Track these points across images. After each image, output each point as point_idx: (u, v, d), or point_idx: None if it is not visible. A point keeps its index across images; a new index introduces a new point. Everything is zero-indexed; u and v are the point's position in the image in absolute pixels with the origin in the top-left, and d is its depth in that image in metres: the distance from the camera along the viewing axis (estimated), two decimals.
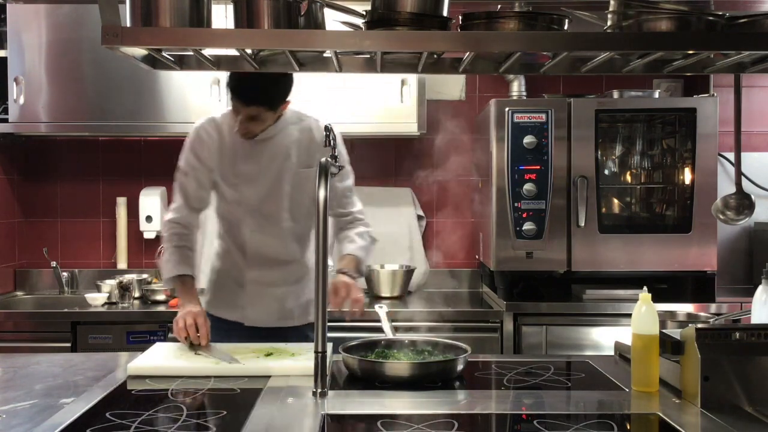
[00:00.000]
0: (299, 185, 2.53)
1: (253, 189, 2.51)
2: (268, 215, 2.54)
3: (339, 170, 2.31)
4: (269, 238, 2.55)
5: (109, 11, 1.62)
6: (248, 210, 2.53)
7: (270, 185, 2.51)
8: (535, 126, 3.28)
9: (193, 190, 2.52)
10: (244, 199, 2.52)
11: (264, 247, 2.55)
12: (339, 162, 2.29)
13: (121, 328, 3.31)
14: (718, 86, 3.54)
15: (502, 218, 3.30)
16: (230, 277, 2.61)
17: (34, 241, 4.02)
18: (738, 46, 1.68)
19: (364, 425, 1.67)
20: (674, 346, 1.84)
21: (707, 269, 3.34)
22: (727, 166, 3.56)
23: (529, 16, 1.67)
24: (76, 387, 1.98)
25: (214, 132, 2.51)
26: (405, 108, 3.60)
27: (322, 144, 2.46)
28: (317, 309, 1.85)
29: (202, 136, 2.51)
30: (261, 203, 2.52)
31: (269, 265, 2.57)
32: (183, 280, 2.47)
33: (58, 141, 4.01)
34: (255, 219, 2.54)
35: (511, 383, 2.03)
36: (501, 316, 3.26)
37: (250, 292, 2.57)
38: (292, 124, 2.54)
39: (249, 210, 2.53)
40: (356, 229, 2.61)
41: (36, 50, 3.58)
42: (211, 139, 2.50)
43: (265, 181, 2.51)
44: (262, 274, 2.56)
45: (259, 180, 2.51)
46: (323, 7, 1.73)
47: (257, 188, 2.51)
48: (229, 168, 2.51)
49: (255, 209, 2.53)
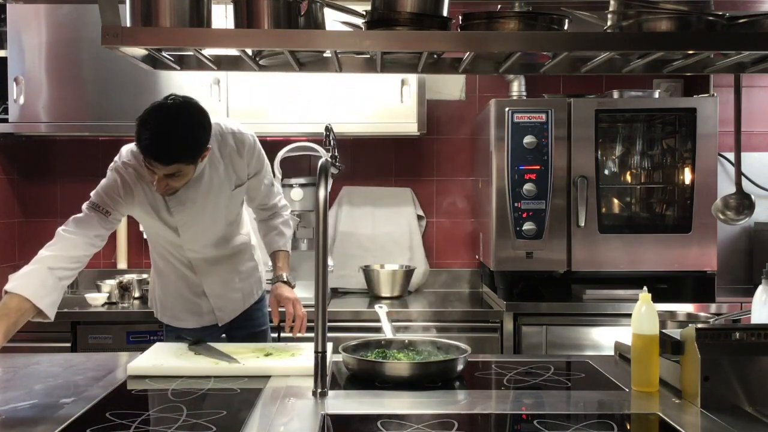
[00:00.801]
0: (234, 201, 2.51)
1: (191, 232, 2.42)
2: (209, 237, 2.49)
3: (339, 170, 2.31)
4: (213, 251, 2.53)
5: (109, 11, 1.62)
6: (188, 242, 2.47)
7: (209, 222, 2.44)
8: (535, 126, 3.28)
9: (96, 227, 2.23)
10: (184, 242, 2.45)
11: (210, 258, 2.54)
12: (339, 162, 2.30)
13: (121, 328, 3.30)
14: (718, 86, 3.54)
15: (502, 218, 3.29)
16: (187, 289, 2.58)
17: (34, 241, 3.99)
18: (738, 46, 1.69)
19: (364, 425, 1.67)
20: (674, 346, 1.84)
21: (707, 269, 3.34)
22: (727, 166, 3.56)
23: (529, 16, 1.67)
24: (76, 387, 1.98)
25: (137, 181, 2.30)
26: (405, 108, 3.60)
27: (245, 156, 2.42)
28: (317, 309, 1.85)
29: (126, 181, 2.29)
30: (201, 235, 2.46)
31: (221, 266, 2.57)
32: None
33: (58, 141, 4.01)
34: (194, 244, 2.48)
35: (511, 383, 2.03)
36: (501, 316, 3.26)
37: (213, 296, 2.59)
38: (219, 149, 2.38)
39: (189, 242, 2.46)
40: (281, 218, 2.65)
41: (36, 50, 3.58)
42: (135, 189, 2.30)
43: (203, 221, 2.42)
44: (218, 278, 2.57)
45: (195, 223, 2.41)
46: (323, 7, 1.73)
47: (196, 230, 2.43)
48: (162, 215, 2.37)
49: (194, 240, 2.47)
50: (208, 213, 2.42)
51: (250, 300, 2.67)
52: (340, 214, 3.95)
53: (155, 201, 2.35)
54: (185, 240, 2.45)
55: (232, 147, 2.40)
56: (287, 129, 3.62)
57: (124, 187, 2.29)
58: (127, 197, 2.30)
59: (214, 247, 2.53)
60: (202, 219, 2.42)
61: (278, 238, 2.62)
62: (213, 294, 2.58)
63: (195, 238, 2.46)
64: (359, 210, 3.96)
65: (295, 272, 2.65)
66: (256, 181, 2.52)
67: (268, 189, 2.60)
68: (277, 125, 3.57)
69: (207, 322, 2.60)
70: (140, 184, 2.32)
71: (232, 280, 2.61)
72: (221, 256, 2.57)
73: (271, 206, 2.65)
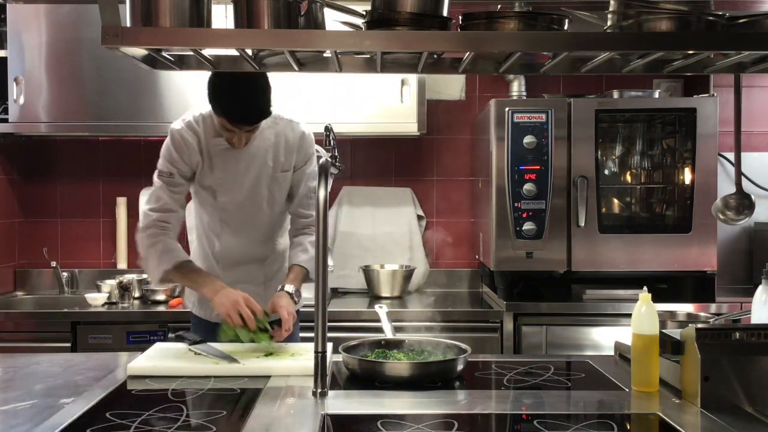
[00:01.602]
0: (275, 188, 2.52)
1: (230, 196, 2.49)
2: (246, 220, 2.52)
3: (339, 171, 2.31)
4: (243, 241, 2.54)
5: (109, 11, 1.62)
6: (225, 214, 2.52)
7: (248, 192, 2.50)
8: (535, 126, 3.28)
9: (180, 191, 2.48)
10: (221, 204, 2.50)
11: (237, 250, 2.54)
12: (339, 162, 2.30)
13: (121, 328, 3.31)
14: (718, 86, 3.54)
15: (502, 218, 3.30)
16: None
17: (34, 241, 4.01)
18: (738, 46, 1.68)
19: (364, 425, 1.67)
20: (674, 346, 1.84)
21: (707, 269, 3.34)
22: (727, 166, 3.56)
23: (529, 16, 1.67)
24: (76, 387, 1.97)
25: (193, 137, 2.45)
26: (405, 108, 3.60)
27: (295, 145, 2.49)
28: (317, 309, 1.85)
29: (180, 140, 2.45)
30: (238, 209, 2.51)
31: (244, 266, 2.57)
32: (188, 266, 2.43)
33: (58, 141, 4.01)
34: (231, 223, 2.52)
35: (511, 383, 2.03)
36: (501, 316, 3.26)
37: None
38: (267, 128, 2.50)
39: (225, 214, 2.52)
40: (311, 236, 2.56)
41: (36, 50, 3.58)
42: (194, 141, 2.45)
43: (243, 189, 2.49)
44: (237, 275, 2.55)
45: (236, 187, 2.49)
46: (323, 7, 1.73)
47: (235, 195, 2.49)
48: (207, 174, 2.48)
49: (232, 214, 2.51)
50: (248, 182, 2.47)
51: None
52: (340, 214, 3.95)
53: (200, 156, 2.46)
54: (222, 206, 2.48)
55: (285, 131, 2.51)
56: None
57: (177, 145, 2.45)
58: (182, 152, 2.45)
59: (248, 239, 2.53)
60: (241, 186, 2.47)
61: (301, 253, 2.53)
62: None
63: (232, 208, 2.49)
64: (359, 210, 3.96)
65: None
66: (301, 174, 2.53)
67: (309, 193, 2.56)
68: None
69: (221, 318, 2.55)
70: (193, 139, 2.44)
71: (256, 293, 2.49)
72: (251, 258, 2.56)
73: (307, 215, 2.57)
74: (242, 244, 2.55)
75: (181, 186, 2.48)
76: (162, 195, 2.46)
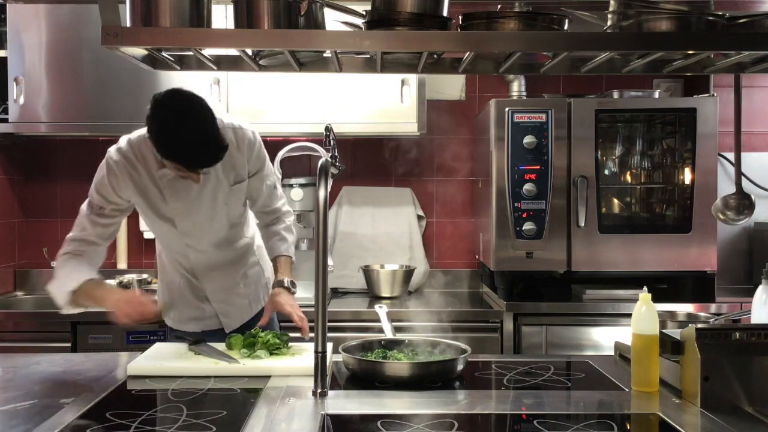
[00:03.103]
0: (233, 199, 2.47)
1: (189, 222, 2.41)
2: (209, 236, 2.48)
3: (339, 171, 2.31)
4: (211, 252, 2.51)
5: (109, 11, 1.62)
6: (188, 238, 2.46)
7: (206, 213, 2.42)
8: (535, 126, 3.28)
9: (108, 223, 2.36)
10: (182, 229, 2.43)
11: (208, 259, 2.51)
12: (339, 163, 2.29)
13: (121, 328, 3.29)
14: (718, 86, 3.54)
15: (502, 218, 3.29)
16: (191, 293, 2.56)
17: (34, 241, 4.01)
18: (738, 46, 1.69)
19: (364, 425, 1.67)
20: (674, 346, 1.84)
21: (707, 269, 3.34)
22: (727, 166, 3.56)
23: (529, 16, 1.67)
24: (76, 387, 1.97)
25: (132, 170, 2.33)
26: (405, 108, 3.60)
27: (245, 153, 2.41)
28: (317, 309, 1.85)
29: (116, 172, 2.32)
30: (200, 230, 2.45)
31: (223, 271, 2.55)
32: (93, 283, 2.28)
33: (58, 141, 4.00)
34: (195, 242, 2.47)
35: (511, 383, 2.03)
36: (501, 316, 3.26)
37: (216, 301, 2.56)
38: None
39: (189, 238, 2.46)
40: (283, 223, 2.61)
41: (36, 50, 3.58)
42: (126, 179, 2.32)
43: (201, 212, 2.41)
44: (220, 284, 2.55)
45: (193, 213, 2.40)
46: (323, 7, 1.74)
47: (194, 220, 2.41)
48: (160, 205, 2.38)
49: (194, 235, 2.46)
50: (204, 205, 2.39)
51: (257, 306, 2.63)
52: (340, 214, 3.95)
53: (147, 189, 2.35)
54: (183, 232, 2.42)
55: (231, 142, 2.31)
56: (287, 129, 3.62)
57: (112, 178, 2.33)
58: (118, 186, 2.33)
59: (217, 248, 2.50)
60: (198, 210, 2.39)
61: (280, 243, 2.57)
62: (216, 299, 2.55)
63: (194, 231, 2.43)
64: (359, 210, 3.96)
65: (296, 272, 2.63)
66: (257, 180, 2.49)
67: (270, 191, 2.56)
68: (277, 125, 3.57)
69: (210, 326, 2.56)
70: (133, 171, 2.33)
71: (236, 286, 2.58)
72: (224, 261, 2.55)
73: (273, 210, 2.60)
74: (211, 254, 2.51)
75: (111, 220, 2.36)
76: (86, 225, 2.34)
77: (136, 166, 2.33)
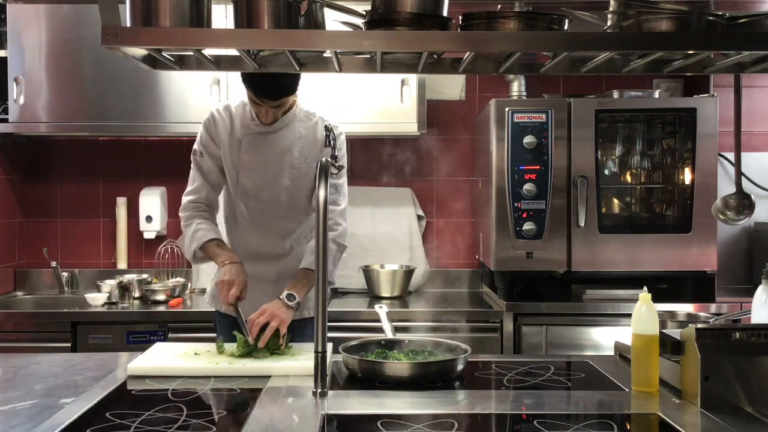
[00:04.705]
0: (298, 180, 2.56)
1: (251, 178, 2.56)
2: (264, 209, 2.57)
3: (339, 170, 2.32)
4: (260, 232, 2.59)
5: (109, 11, 1.62)
6: (244, 200, 2.57)
7: (269, 178, 2.56)
8: (535, 126, 3.28)
9: (209, 169, 2.58)
10: (242, 187, 2.56)
11: (253, 242, 2.59)
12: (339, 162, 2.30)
13: (121, 328, 3.30)
14: (718, 86, 3.54)
15: (502, 218, 3.29)
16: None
17: (34, 241, 4.02)
18: (738, 46, 1.68)
19: (364, 425, 1.67)
20: (674, 346, 1.84)
21: (707, 269, 3.34)
22: (727, 166, 3.56)
23: (529, 16, 1.67)
24: (76, 387, 1.98)
25: (227, 118, 2.58)
26: (405, 108, 3.60)
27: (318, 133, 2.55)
28: (317, 309, 1.85)
29: (216, 118, 2.59)
30: (258, 192, 2.56)
31: (258, 260, 2.58)
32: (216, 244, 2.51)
33: (58, 141, 4.01)
34: (249, 210, 2.58)
35: (511, 383, 2.03)
36: (501, 316, 3.26)
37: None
38: (300, 121, 2.59)
39: (245, 200, 2.57)
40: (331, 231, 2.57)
41: (36, 50, 3.58)
42: (224, 123, 2.57)
43: (265, 172, 2.56)
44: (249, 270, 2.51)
45: (258, 170, 2.56)
46: (323, 7, 1.73)
47: (256, 178, 2.56)
48: (234, 156, 2.56)
49: (251, 199, 2.57)
50: (270, 166, 2.55)
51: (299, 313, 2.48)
52: None
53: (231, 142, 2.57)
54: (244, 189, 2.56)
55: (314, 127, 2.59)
56: None
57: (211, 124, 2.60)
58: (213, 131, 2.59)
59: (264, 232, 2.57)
60: (264, 169, 2.55)
61: (309, 255, 2.50)
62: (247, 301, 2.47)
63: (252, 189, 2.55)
64: (359, 210, 3.95)
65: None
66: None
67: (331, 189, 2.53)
68: None
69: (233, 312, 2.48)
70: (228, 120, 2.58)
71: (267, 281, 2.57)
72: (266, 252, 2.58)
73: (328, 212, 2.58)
74: (257, 237, 2.59)
75: (210, 169, 2.59)
76: (195, 176, 2.61)
77: (228, 122, 2.59)
